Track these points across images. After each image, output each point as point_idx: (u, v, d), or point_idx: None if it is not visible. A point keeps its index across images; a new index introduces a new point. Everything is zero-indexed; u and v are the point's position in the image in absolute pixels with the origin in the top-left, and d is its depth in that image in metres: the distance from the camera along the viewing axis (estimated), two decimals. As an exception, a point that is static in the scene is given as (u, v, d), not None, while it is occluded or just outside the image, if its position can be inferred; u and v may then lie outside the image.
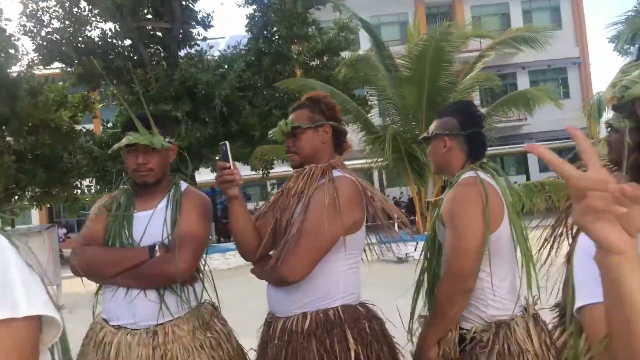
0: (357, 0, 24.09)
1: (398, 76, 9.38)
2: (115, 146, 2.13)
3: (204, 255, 2.19)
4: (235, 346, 2.15)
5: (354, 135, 10.44)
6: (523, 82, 24.10)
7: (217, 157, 12.81)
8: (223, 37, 21.45)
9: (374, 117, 10.98)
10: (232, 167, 1.86)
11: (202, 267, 2.18)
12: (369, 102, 11.64)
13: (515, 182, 13.30)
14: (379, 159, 9.26)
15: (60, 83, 13.33)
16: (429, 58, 8.64)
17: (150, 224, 2.07)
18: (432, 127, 2.12)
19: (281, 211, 2.06)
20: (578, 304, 0.87)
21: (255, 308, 2.57)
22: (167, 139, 2.14)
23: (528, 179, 21.74)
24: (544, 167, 24.78)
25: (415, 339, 2.07)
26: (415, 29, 9.67)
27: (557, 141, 21.33)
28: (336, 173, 1.98)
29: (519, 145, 22.63)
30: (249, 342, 2.21)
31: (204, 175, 14.62)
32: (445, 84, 8.99)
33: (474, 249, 1.82)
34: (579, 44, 24.40)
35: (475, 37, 10.34)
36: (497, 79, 10.02)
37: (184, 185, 2.21)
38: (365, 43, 22.97)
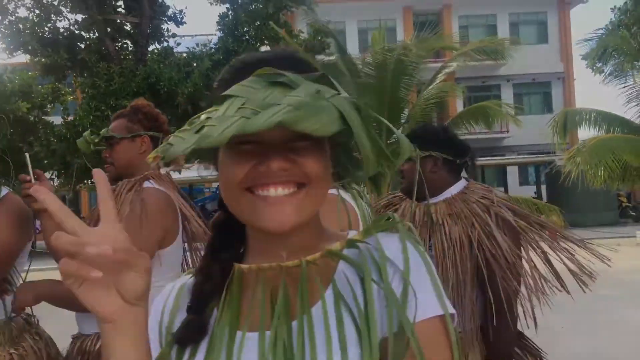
0: (345, 5, 24.19)
1: (361, 82, 9.33)
2: None
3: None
4: (46, 363, 2.05)
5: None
6: (507, 95, 24.16)
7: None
8: (215, 35, 21.33)
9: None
10: (32, 180, 1.77)
11: (14, 280, 2.07)
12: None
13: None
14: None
15: (30, 73, 13.18)
16: (391, 69, 8.61)
17: (-41, 230, 1.97)
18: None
19: None
20: None
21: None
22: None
23: (506, 191, 21.78)
24: (523, 181, 24.89)
25: None
26: (380, 37, 9.60)
27: (537, 155, 21.41)
28: (147, 184, 1.89)
29: (500, 158, 22.71)
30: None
31: (173, 174, 14.46)
32: (406, 94, 8.95)
33: None
34: (564, 59, 24.49)
35: (441, 49, 10.32)
36: (460, 90, 9.93)
37: (5, 191, 2.10)
38: (352, 48, 23.02)
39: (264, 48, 12.40)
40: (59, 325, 2.54)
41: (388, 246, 0.70)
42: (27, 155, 1.82)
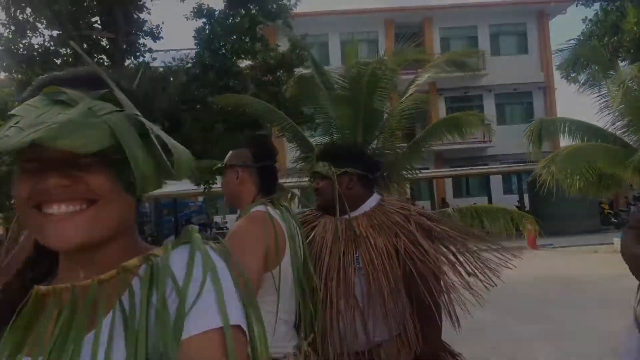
0: (328, 17, 24.38)
1: (337, 95, 9.36)
2: None
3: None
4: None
5: (292, 154, 10.37)
6: (489, 105, 24.38)
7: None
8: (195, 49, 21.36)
9: (318, 135, 10.94)
10: None
11: None
12: (316, 120, 11.62)
13: (475, 203, 13.38)
14: (308, 179, 9.17)
15: (6, 90, 13.10)
16: (365, 82, 8.65)
17: None
18: (227, 157, 2.10)
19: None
20: None
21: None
22: None
23: (490, 201, 21.87)
24: (507, 190, 25.01)
25: None
26: (354, 51, 9.65)
27: (518, 164, 21.55)
28: None
29: (482, 167, 22.82)
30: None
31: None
32: (380, 105, 8.98)
33: (252, 283, 1.74)
34: (544, 69, 24.81)
35: (413, 61, 10.38)
36: (436, 99, 9.97)
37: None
38: (335, 60, 23.12)
39: (240, 62, 12.41)
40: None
41: (177, 259, 0.69)
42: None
